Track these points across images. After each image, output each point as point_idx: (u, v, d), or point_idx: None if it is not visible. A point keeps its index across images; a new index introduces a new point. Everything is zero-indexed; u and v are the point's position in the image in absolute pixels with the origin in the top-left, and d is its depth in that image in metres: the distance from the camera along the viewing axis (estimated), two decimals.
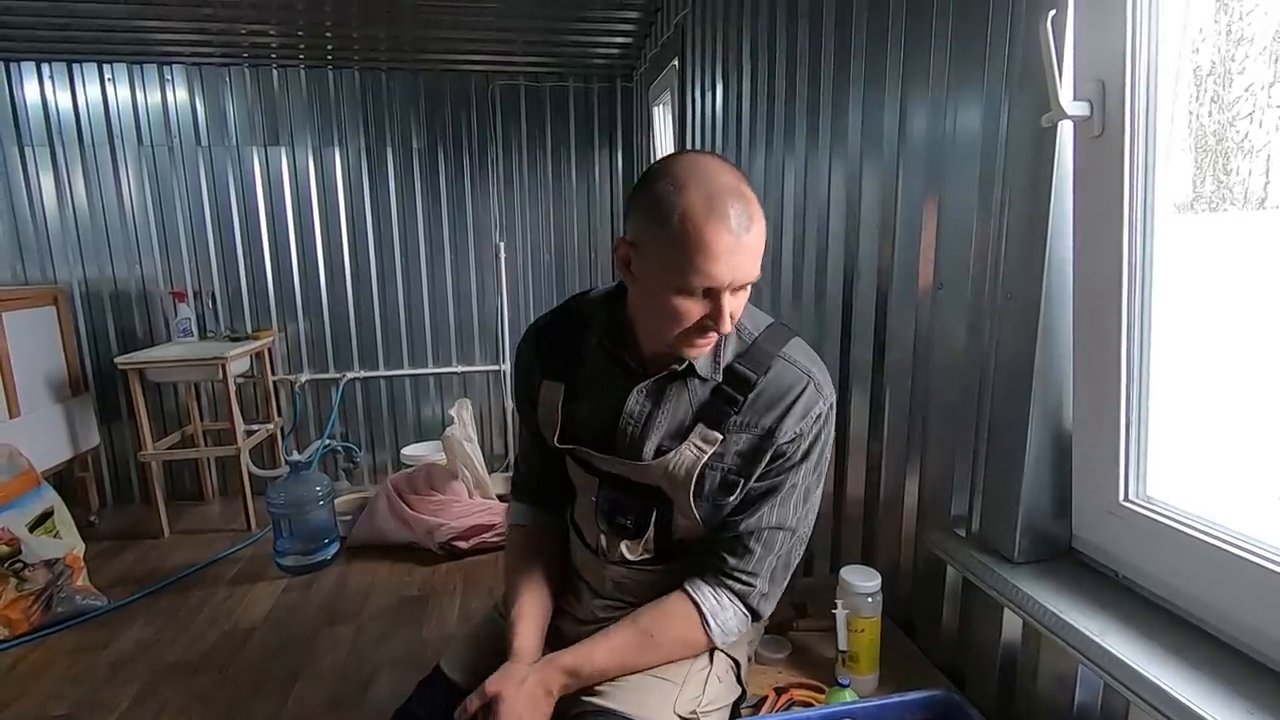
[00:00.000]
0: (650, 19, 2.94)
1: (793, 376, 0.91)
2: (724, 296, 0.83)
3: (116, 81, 3.26)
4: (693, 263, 0.80)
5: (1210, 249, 0.84)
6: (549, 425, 1.01)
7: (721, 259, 0.80)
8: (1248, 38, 0.77)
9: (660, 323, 0.86)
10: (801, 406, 0.90)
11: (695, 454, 0.92)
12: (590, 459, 0.99)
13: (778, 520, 0.93)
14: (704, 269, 0.80)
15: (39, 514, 2.47)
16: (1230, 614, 0.72)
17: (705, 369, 0.93)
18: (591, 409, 0.98)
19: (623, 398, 0.94)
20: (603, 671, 0.92)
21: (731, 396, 0.91)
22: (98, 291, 3.38)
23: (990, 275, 0.97)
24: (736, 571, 0.93)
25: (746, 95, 1.92)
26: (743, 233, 0.80)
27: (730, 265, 0.80)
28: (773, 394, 0.91)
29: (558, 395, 0.99)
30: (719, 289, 0.82)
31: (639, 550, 1.00)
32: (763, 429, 0.90)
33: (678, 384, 0.93)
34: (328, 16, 2.82)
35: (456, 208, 3.68)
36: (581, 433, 0.99)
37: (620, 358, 0.95)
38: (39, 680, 2.09)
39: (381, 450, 3.82)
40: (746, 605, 0.95)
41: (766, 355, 0.92)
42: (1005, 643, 0.97)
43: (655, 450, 0.94)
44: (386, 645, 2.26)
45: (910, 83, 1.15)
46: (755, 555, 0.93)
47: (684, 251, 0.79)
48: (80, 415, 3.21)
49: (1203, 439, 0.87)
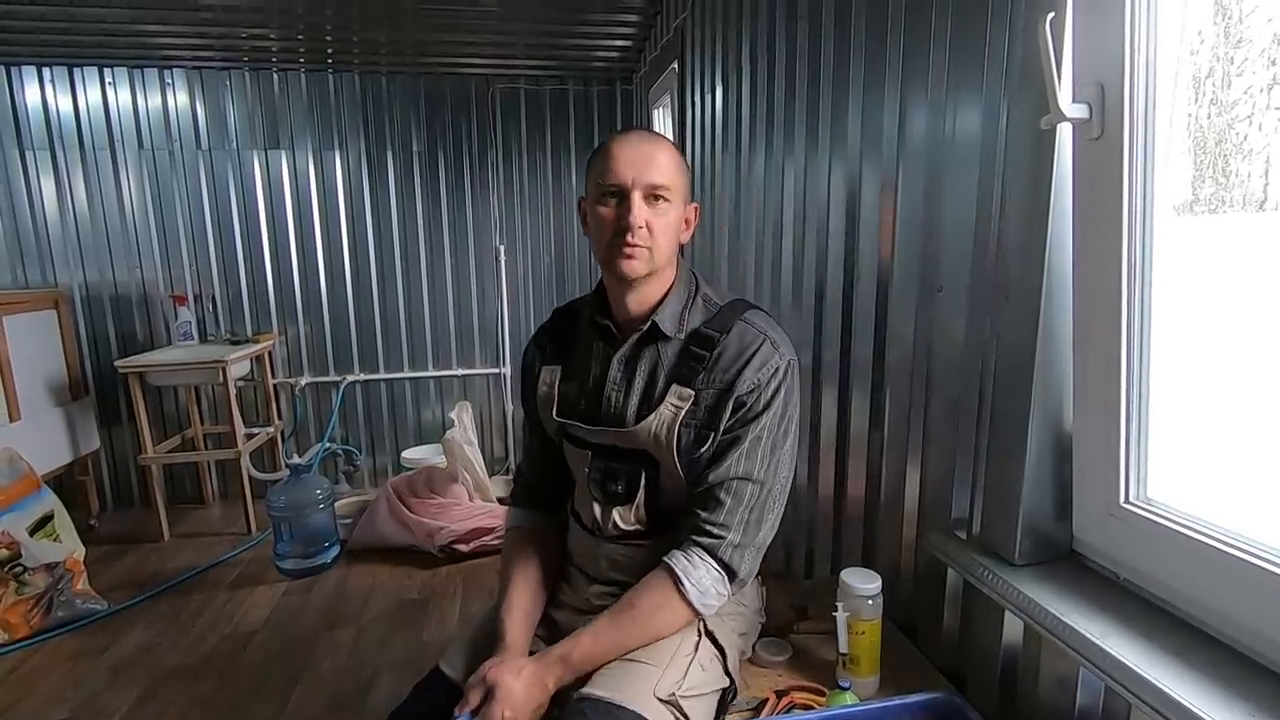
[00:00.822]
0: (650, 22, 2.95)
1: (751, 335, 1.01)
2: (632, 197, 0.97)
3: (117, 85, 3.27)
4: (604, 167, 0.98)
5: (1210, 251, 0.84)
6: (547, 405, 1.11)
7: (620, 159, 0.97)
8: (1246, 40, 0.77)
9: (598, 247, 1.02)
10: (758, 360, 0.99)
11: (673, 411, 1.00)
12: (582, 433, 1.07)
13: (744, 470, 0.98)
14: (612, 168, 0.97)
15: (39, 518, 2.48)
16: (1231, 616, 0.72)
17: (670, 327, 1.03)
18: (581, 382, 1.08)
19: (605, 367, 1.06)
20: (592, 653, 0.95)
21: (698, 354, 1.01)
22: (98, 295, 3.39)
23: (990, 277, 0.97)
24: (707, 524, 0.97)
25: (746, 97, 1.92)
26: (642, 142, 0.99)
27: (628, 164, 0.97)
28: (734, 351, 1.00)
29: (555, 376, 1.11)
30: (624, 187, 0.97)
31: (631, 519, 1.06)
32: (724, 382, 0.99)
33: (650, 348, 1.04)
34: (328, 20, 2.83)
35: (456, 210, 3.68)
36: (573, 407, 1.08)
37: (605, 327, 1.07)
38: (39, 684, 2.08)
39: (382, 453, 3.82)
40: (718, 560, 0.96)
41: (728, 320, 1.03)
42: (1006, 645, 0.97)
43: (637, 414, 1.02)
44: (387, 648, 2.25)
45: (910, 84, 1.15)
46: (725, 506, 0.97)
47: (597, 165, 1.00)
48: (80, 419, 3.21)
49: (1203, 441, 0.87)
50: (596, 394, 1.05)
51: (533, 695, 0.91)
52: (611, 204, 0.98)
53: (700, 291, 1.07)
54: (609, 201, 0.99)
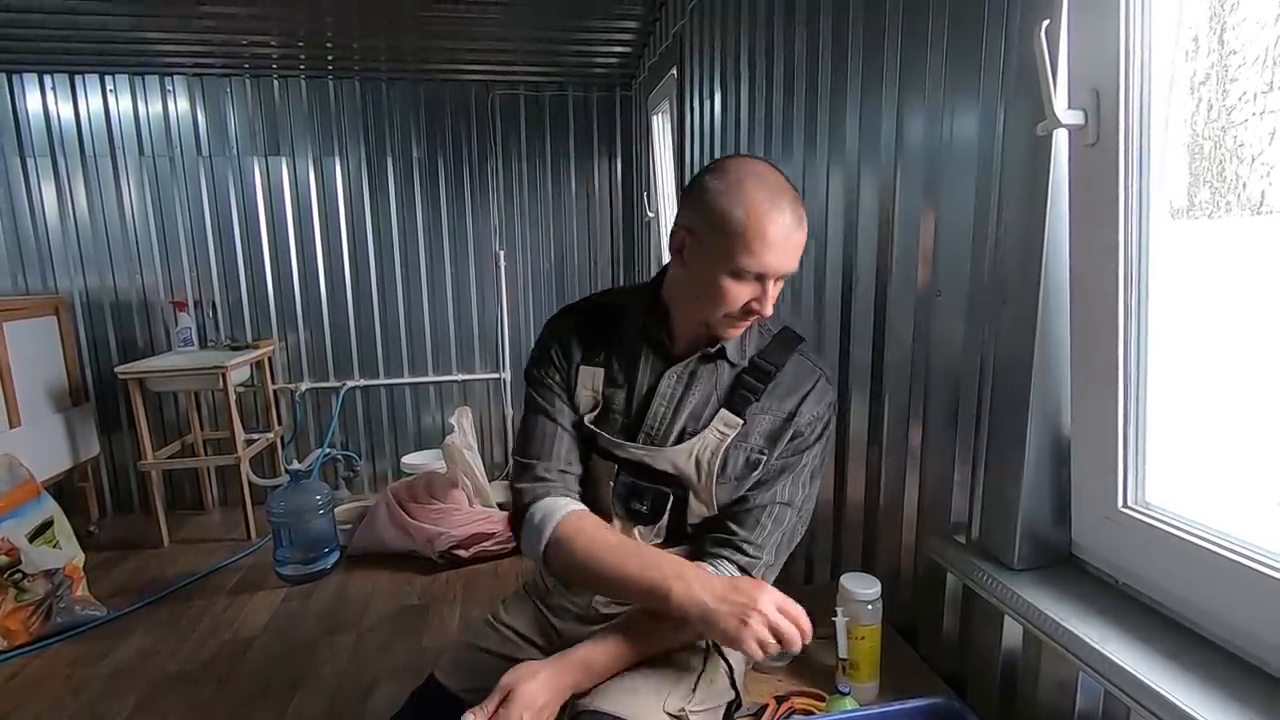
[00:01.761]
0: (649, 29, 2.96)
1: (807, 370, 1.03)
2: (772, 284, 0.92)
3: (118, 92, 3.28)
4: (750, 249, 0.89)
5: (1206, 255, 0.84)
6: (588, 410, 1.05)
7: (776, 248, 0.89)
8: (1242, 45, 0.78)
9: (706, 304, 0.95)
10: (817, 393, 1.02)
11: (718, 437, 0.99)
12: (610, 445, 1.03)
13: (788, 497, 1.00)
14: (760, 255, 0.89)
15: (39, 524, 2.47)
16: (1229, 619, 0.72)
17: (735, 354, 1.02)
18: (628, 393, 1.04)
19: (655, 380, 1.02)
20: (614, 663, 0.93)
21: (753, 385, 1.00)
22: (98, 301, 3.39)
23: (988, 281, 0.97)
24: (745, 544, 0.98)
25: (744, 103, 1.93)
26: (794, 230, 0.91)
27: (781, 255, 0.90)
28: (790, 383, 1.01)
29: (598, 380, 1.05)
30: (768, 275, 0.91)
31: (651, 536, 1.04)
32: (785, 412, 1.00)
33: (708, 367, 1.02)
34: (328, 27, 2.84)
35: (456, 216, 3.69)
36: (614, 419, 1.04)
37: (660, 341, 1.03)
38: (38, 691, 2.08)
39: (381, 459, 3.81)
40: (750, 577, 0.97)
41: (784, 351, 1.03)
42: (1006, 649, 0.97)
43: (679, 435, 1.00)
44: (387, 654, 2.25)
45: (907, 90, 1.16)
46: (765, 529, 0.99)
47: (744, 239, 0.89)
48: (80, 425, 3.21)
49: (1201, 445, 0.87)
50: (643, 408, 1.02)
51: (548, 699, 0.88)
52: (747, 282, 0.92)
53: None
54: (745, 279, 0.91)
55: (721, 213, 0.89)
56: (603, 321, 1.07)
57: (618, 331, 1.06)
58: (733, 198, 0.89)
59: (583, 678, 0.92)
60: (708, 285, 0.93)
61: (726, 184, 0.90)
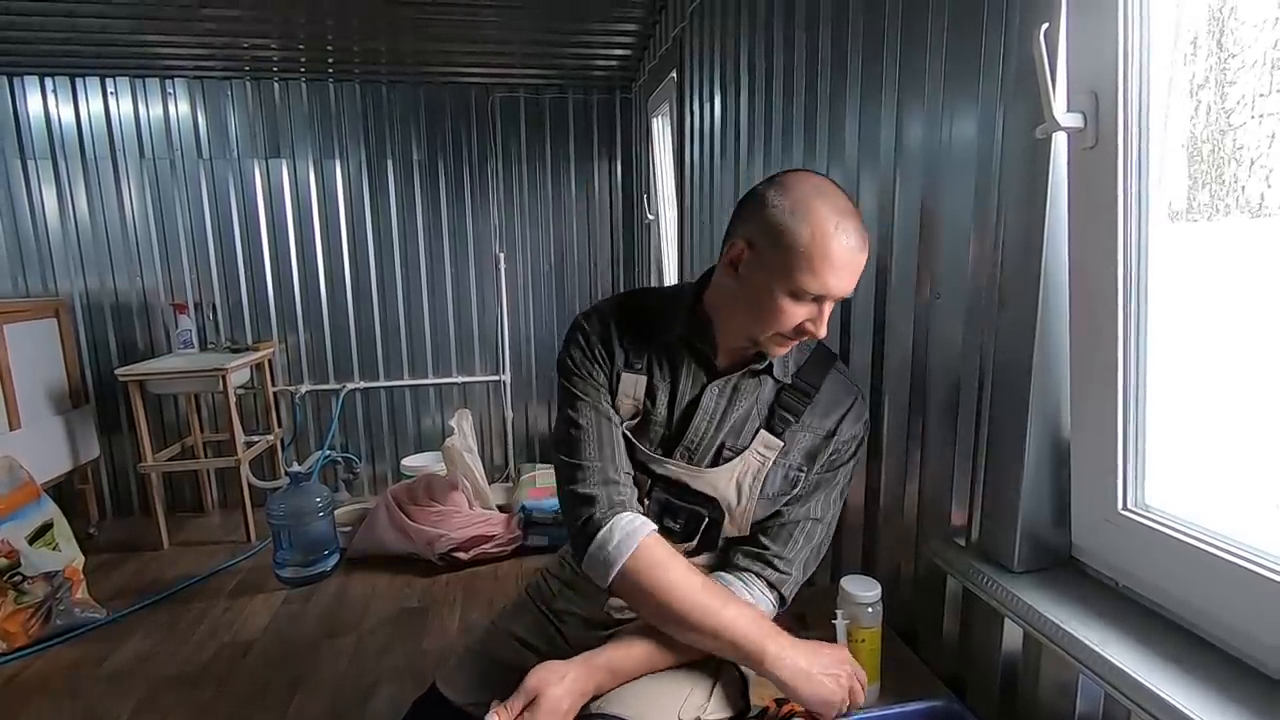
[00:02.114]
0: (649, 31, 2.96)
1: (845, 388, 1.03)
2: (828, 305, 0.91)
3: (119, 95, 3.29)
4: (814, 269, 0.86)
5: (1206, 257, 0.84)
6: (628, 415, 1.00)
7: (839, 270, 0.87)
8: (1241, 48, 0.78)
9: (758, 320, 0.92)
10: (855, 413, 1.02)
11: (759, 460, 0.98)
12: (646, 459, 0.99)
13: (820, 513, 1.01)
14: (823, 277, 0.87)
15: (38, 526, 2.47)
16: (1228, 621, 0.72)
17: (780, 371, 1.00)
18: (670, 404, 1.00)
19: (698, 394, 0.99)
20: (643, 664, 0.92)
21: (793, 405, 1.00)
22: (99, 303, 3.39)
23: (987, 284, 0.97)
24: (776, 558, 0.98)
25: (744, 106, 1.93)
26: (858, 251, 0.89)
27: (843, 277, 0.88)
28: (830, 401, 1.01)
29: (639, 389, 1.00)
30: (828, 296, 0.89)
31: (680, 552, 0.98)
32: (825, 430, 1.00)
33: (752, 382, 1.00)
34: (329, 30, 2.84)
35: (456, 218, 3.69)
36: (653, 432, 1.00)
37: (703, 352, 1.00)
38: (38, 693, 2.08)
39: (381, 461, 3.81)
40: (780, 595, 0.98)
41: (822, 368, 1.02)
42: (1006, 652, 0.97)
43: (717, 452, 0.98)
44: (387, 657, 2.25)
45: (906, 93, 1.16)
46: (798, 544, 0.99)
47: (808, 258, 0.86)
48: (80, 427, 3.21)
49: (1201, 447, 0.87)
50: (684, 421, 0.99)
51: (575, 703, 0.86)
52: (804, 302, 0.89)
53: None
54: (803, 298, 0.89)
55: (786, 229, 0.86)
56: (642, 325, 1.01)
57: (658, 338, 1.01)
58: (799, 215, 0.86)
59: (607, 680, 0.90)
60: (763, 301, 0.90)
61: (792, 200, 0.87)
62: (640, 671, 0.93)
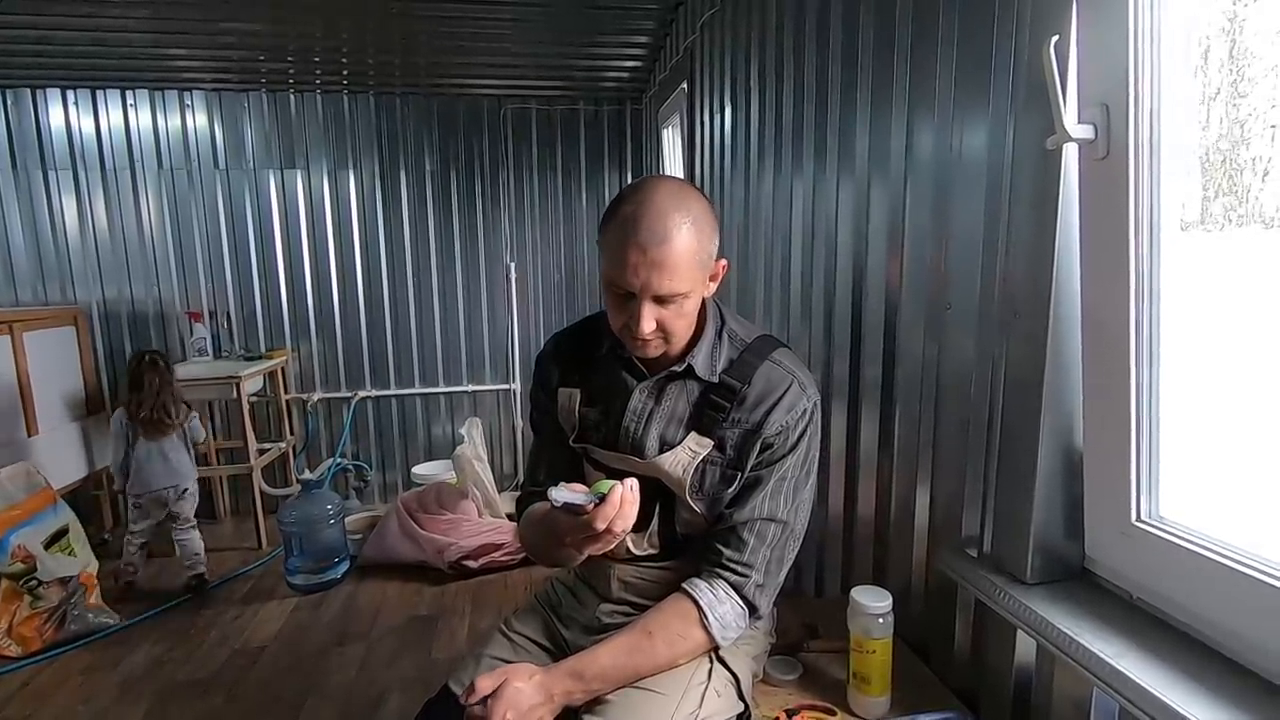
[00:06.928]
0: (660, 43, 2.99)
1: (779, 376, 1.00)
2: (643, 304, 0.90)
3: (138, 107, 3.35)
4: (611, 262, 0.90)
5: (1219, 267, 0.84)
6: (568, 427, 1.09)
7: (627, 268, 0.88)
8: (1252, 59, 0.78)
9: (611, 321, 0.98)
10: (786, 402, 0.98)
11: (690, 455, 1.00)
12: (600, 457, 1.06)
13: (769, 511, 0.98)
14: (615, 275, 0.90)
15: (54, 531, 2.50)
16: (1245, 635, 0.71)
17: (704, 370, 1.00)
18: (602, 410, 1.06)
19: (628, 397, 1.03)
20: (605, 673, 0.92)
21: (719, 404, 0.99)
22: (116, 312, 3.44)
23: (998, 295, 0.97)
24: (731, 562, 0.97)
25: (754, 117, 1.94)
26: (651, 246, 0.87)
27: (636, 275, 0.88)
28: (761, 391, 0.99)
29: (574, 400, 1.08)
30: (634, 294, 0.90)
31: (644, 544, 1.06)
32: (752, 423, 0.98)
33: (677, 384, 1.02)
34: (344, 44, 2.89)
35: (468, 229, 3.72)
36: (593, 433, 1.07)
37: (630, 360, 1.03)
38: (50, 699, 2.09)
39: (392, 469, 3.83)
40: (742, 597, 0.96)
41: (754, 361, 1.01)
42: (1019, 665, 0.96)
43: (658, 445, 1.01)
44: (396, 665, 2.25)
45: (917, 104, 1.17)
46: (749, 546, 0.97)
47: (609, 254, 0.90)
48: (97, 433, 3.25)
49: (1215, 458, 0.86)
50: (617, 422, 1.04)
51: (537, 702, 0.88)
52: (623, 300, 0.92)
53: (726, 327, 1.04)
54: (619, 295, 0.92)
55: (602, 228, 0.93)
56: (583, 344, 1.10)
57: (594, 354, 1.08)
58: (609, 212, 0.92)
59: (573, 686, 0.91)
60: (607, 303, 0.96)
61: (613, 205, 0.92)
62: (603, 677, 0.93)
